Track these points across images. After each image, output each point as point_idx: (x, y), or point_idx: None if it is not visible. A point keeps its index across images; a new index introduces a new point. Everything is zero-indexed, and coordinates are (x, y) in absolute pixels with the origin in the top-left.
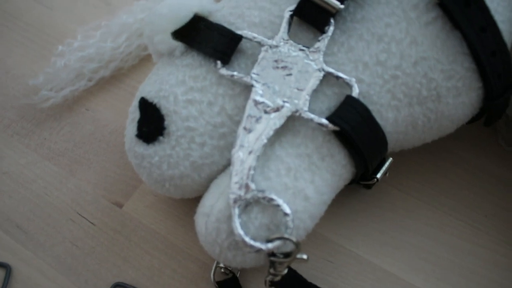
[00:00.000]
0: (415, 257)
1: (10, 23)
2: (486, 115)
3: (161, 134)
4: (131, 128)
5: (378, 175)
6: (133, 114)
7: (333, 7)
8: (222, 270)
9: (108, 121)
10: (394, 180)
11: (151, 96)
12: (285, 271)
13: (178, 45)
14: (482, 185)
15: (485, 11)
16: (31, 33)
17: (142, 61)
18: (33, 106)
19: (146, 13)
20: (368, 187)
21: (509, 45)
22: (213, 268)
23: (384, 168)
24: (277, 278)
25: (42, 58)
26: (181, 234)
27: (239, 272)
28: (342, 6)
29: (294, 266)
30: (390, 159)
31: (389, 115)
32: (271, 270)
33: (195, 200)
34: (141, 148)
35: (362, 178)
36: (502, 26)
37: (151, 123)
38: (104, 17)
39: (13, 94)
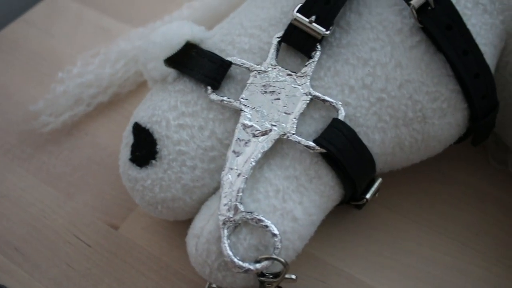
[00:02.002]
0: (406, 277)
1: (11, 50)
2: (473, 135)
3: (154, 158)
4: (125, 152)
5: (368, 196)
6: (127, 138)
7: (319, 33)
8: None
9: (106, 145)
10: (384, 200)
11: (144, 121)
12: None
13: (171, 72)
14: (473, 204)
15: (467, 35)
16: (31, 60)
17: (140, 86)
18: (33, 131)
19: (143, 40)
20: (359, 207)
21: (492, 67)
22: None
23: (373, 188)
24: None
25: (42, 84)
26: (175, 255)
27: None
28: (327, 32)
29: (285, 286)
30: (380, 180)
31: (375, 137)
32: None
33: (189, 222)
34: (134, 171)
35: (352, 199)
36: (485, 48)
37: (144, 147)
38: (103, 44)
39: (13, 120)
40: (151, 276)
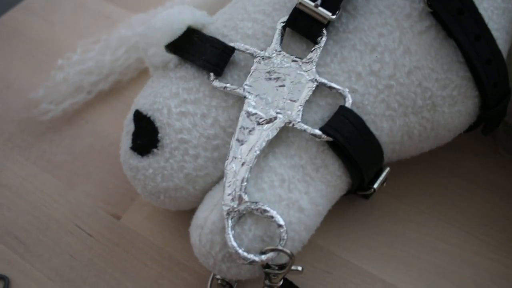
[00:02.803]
0: (415, 268)
1: (10, 38)
2: (484, 123)
3: (155, 146)
4: (126, 140)
5: (375, 185)
6: (128, 126)
7: (325, 18)
8: (219, 282)
9: (108, 133)
10: (393, 190)
11: (145, 109)
12: (280, 282)
13: (172, 58)
14: (483, 195)
15: (479, 19)
16: (31, 47)
17: (141, 73)
18: (33, 119)
19: (144, 26)
20: (366, 197)
21: (505, 53)
22: (210, 280)
23: (381, 178)
24: None
25: (42, 72)
26: (178, 246)
27: (236, 284)
28: (334, 17)
29: (291, 277)
30: (388, 169)
31: (384, 125)
32: (266, 282)
33: (193, 212)
34: (135, 160)
35: (359, 189)
36: (497, 34)
37: (145, 135)
38: (104, 30)
39: (13, 108)
40: (153, 266)
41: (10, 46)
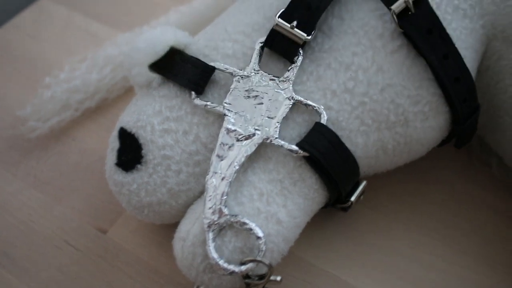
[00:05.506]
0: (392, 278)
1: (3, 58)
2: (456, 138)
3: (139, 162)
4: (111, 156)
5: (353, 198)
6: (113, 143)
7: (301, 38)
8: None
9: (94, 150)
10: (370, 202)
11: (130, 126)
12: None
13: (155, 77)
14: (458, 205)
15: (447, 39)
16: (19, 65)
17: (127, 92)
18: (20, 137)
19: (129, 45)
20: (344, 210)
21: (473, 71)
22: None
23: (358, 191)
24: None
25: (30, 89)
26: (163, 259)
27: None
28: (309, 37)
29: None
30: (364, 182)
31: (358, 140)
32: None
33: (177, 225)
34: (120, 176)
35: (337, 201)
36: (465, 52)
37: (130, 152)
38: (91, 48)
39: (1, 125)
40: (138, 279)
41: None
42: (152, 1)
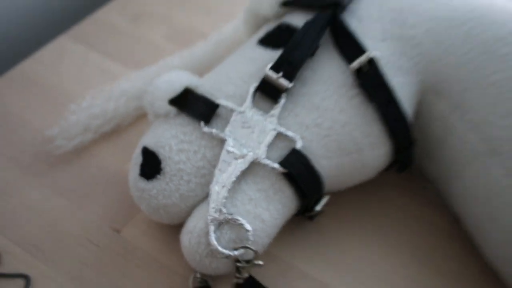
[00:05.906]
0: (359, 278)
1: (25, 85)
2: (398, 164)
3: (159, 173)
4: (135, 169)
5: (317, 208)
6: (136, 159)
7: (284, 85)
8: (198, 280)
9: (109, 165)
10: (334, 212)
11: (151, 146)
12: (246, 275)
13: (172, 109)
14: (397, 215)
15: (390, 90)
16: (41, 93)
17: (138, 119)
18: (48, 153)
19: (141, 80)
20: (311, 218)
21: (410, 113)
22: (192, 277)
23: (322, 202)
24: (241, 281)
25: (51, 114)
26: (168, 254)
27: (212, 283)
28: (290, 85)
29: (255, 272)
30: (327, 197)
31: (324, 163)
32: (237, 274)
33: (179, 228)
34: (143, 183)
35: (306, 210)
36: (404, 100)
37: (151, 165)
38: (104, 82)
39: (30, 142)
40: (148, 270)
41: (29, 93)
42: (158, 46)
